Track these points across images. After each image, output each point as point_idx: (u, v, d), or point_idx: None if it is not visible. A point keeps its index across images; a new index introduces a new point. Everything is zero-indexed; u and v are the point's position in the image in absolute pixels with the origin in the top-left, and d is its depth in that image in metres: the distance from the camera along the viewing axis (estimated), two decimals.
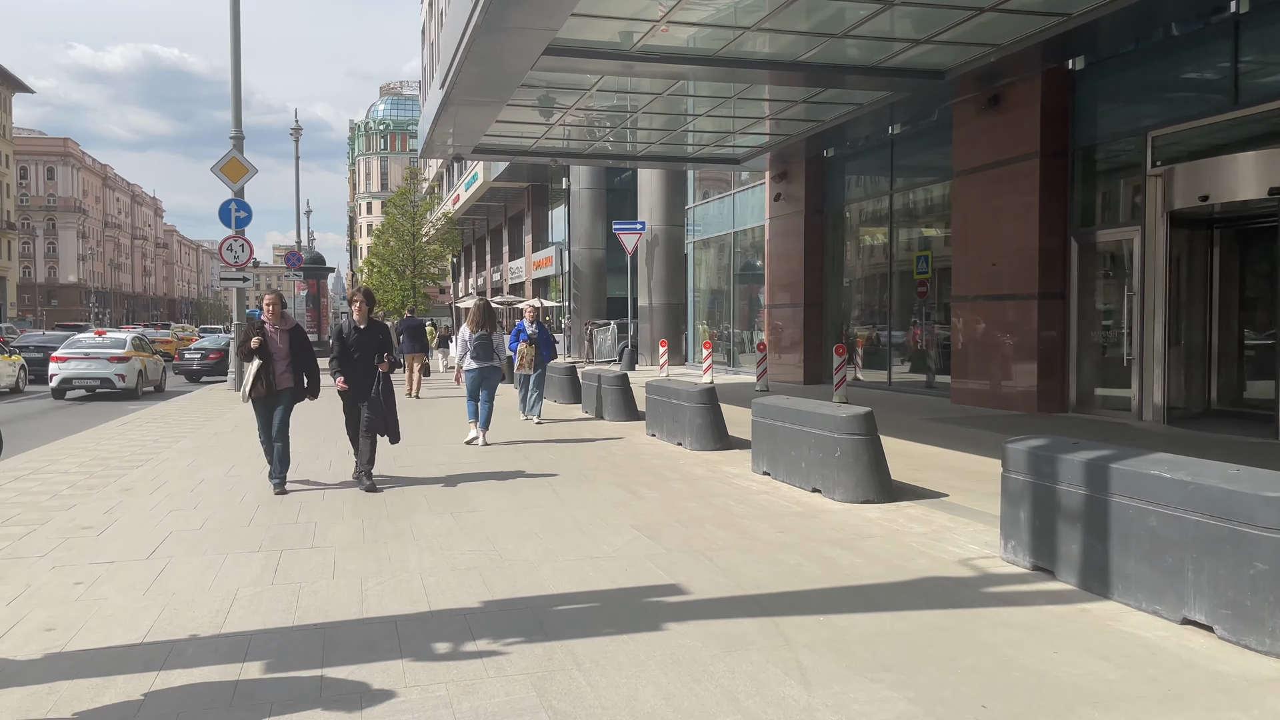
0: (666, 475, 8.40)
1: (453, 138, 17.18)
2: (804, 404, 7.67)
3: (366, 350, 8.06)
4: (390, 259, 49.98)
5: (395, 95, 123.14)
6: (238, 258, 19.72)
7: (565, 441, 11.03)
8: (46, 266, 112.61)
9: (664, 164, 21.83)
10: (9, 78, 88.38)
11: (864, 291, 19.32)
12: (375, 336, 8.16)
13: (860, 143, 18.53)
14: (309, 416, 11.66)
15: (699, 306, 27.10)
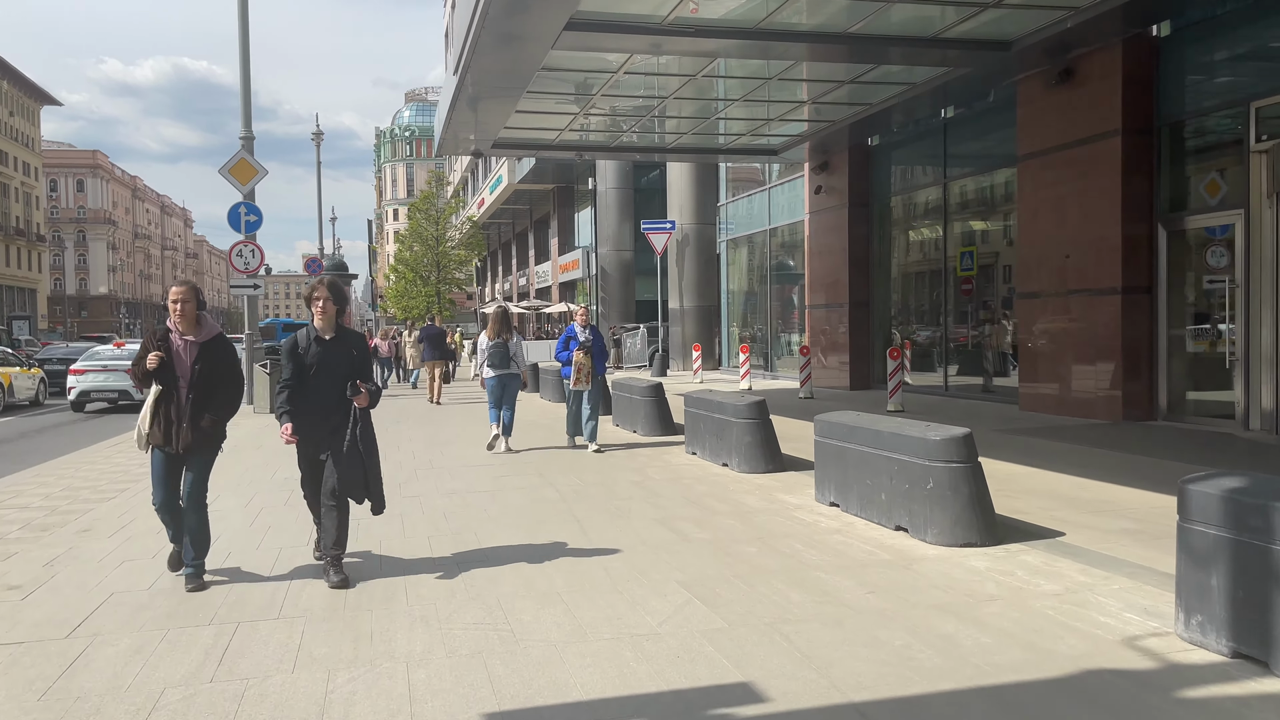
0: (714, 507, 7.12)
1: (470, 130, 16.01)
2: (882, 422, 6.37)
3: (333, 373, 5.31)
4: (414, 264, 49.11)
5: (420, 101, 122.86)
6: (248, 264, 18.67)
7: (595, 463, 9.78)
8: (77, 278, 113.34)
9: (695, 156, 20.58)
10: (37, 91, 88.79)
11: (915, 289, 17.94)
12: (347, 353, 5.38)
13: (909, 129, 17.15)
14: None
15: (733, 308, 25.78)
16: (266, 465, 9.97)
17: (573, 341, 10.69)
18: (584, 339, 10.68)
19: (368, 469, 5.39)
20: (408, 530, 6.57)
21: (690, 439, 10.02)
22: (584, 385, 10.49)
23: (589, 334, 10.80)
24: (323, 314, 5.35)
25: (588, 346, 10.61)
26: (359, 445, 5.31)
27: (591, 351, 10.63)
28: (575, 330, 10.78)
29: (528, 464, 9.71)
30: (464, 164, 66.03)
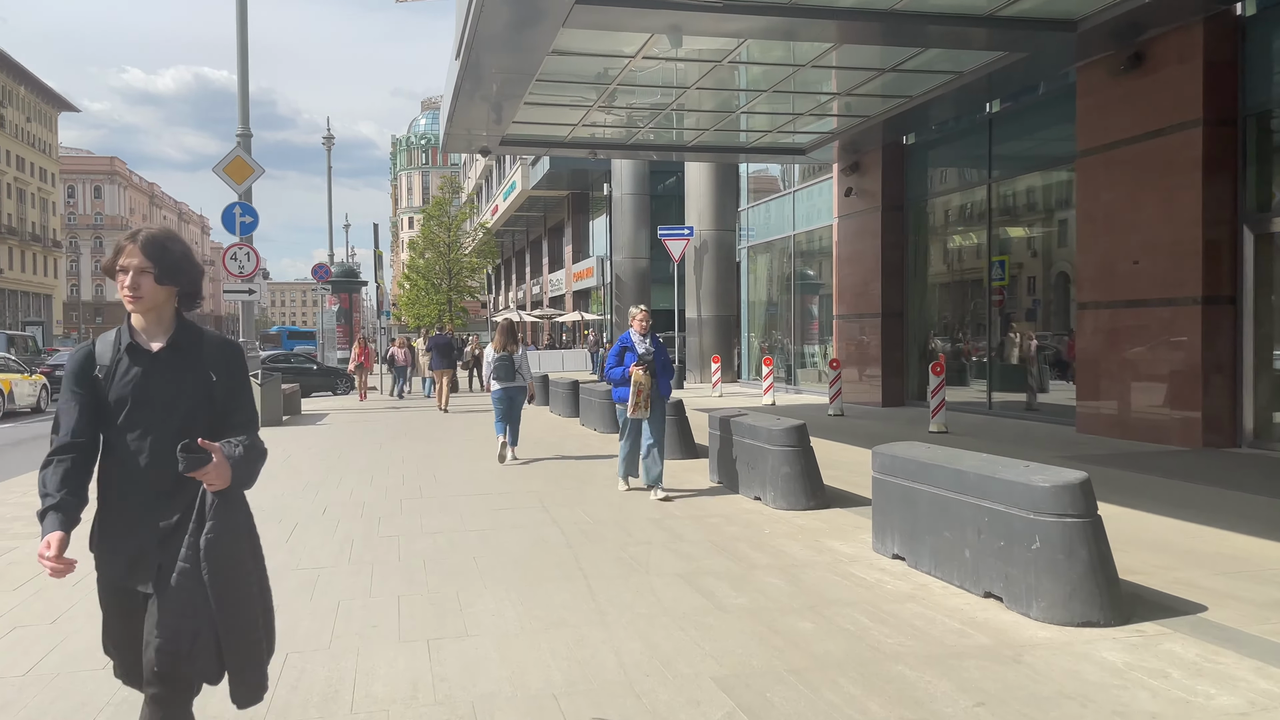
0: (750, 557, 5.87)
1: (477, 125, 14.87)
2: (965, 459, 5.12)
3: (163, 419, 2.57)
4: (426, 272, 48.10)
5: (436, 110, 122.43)
6: (243, 268, 17.58)
7: (606, 494, 8.55)
8: (93, 284, 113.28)
9: (716, 156, 19.38)
10: (55, 97, 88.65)
11: (954, 299, 16.65)
12: (195, 379, 2.62)
13: (949, 125, 15.90)
14: None
15: (753, 318, 24.54)
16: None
17: (629, 354, 8.21)
18: (644, 351, 8.21)
19: (223, 619, 2.49)
20: (375, 585, 5.35)
21: (715, 465, 8.78)
22: (644, 412, 8.08)
23: (650, 344, 8.27)
24: (137, 298, 2.58)
25: (648, 361, 8.14)
26: (205, 569, 2.46)
27: (654, 368, 8.19)
28: (632, 339, 8.29)
29: (529, 492, 8.49)
30: (478, 170, 65.14)
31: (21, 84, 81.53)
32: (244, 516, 2.61)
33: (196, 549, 2.47)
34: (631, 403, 8.03)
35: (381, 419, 17.16)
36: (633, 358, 8.13)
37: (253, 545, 2.64)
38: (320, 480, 9.47)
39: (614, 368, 8.28)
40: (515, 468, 10.20)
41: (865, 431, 13.02)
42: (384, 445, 12.66)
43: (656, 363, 8.20)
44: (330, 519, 7.39)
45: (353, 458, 11.36)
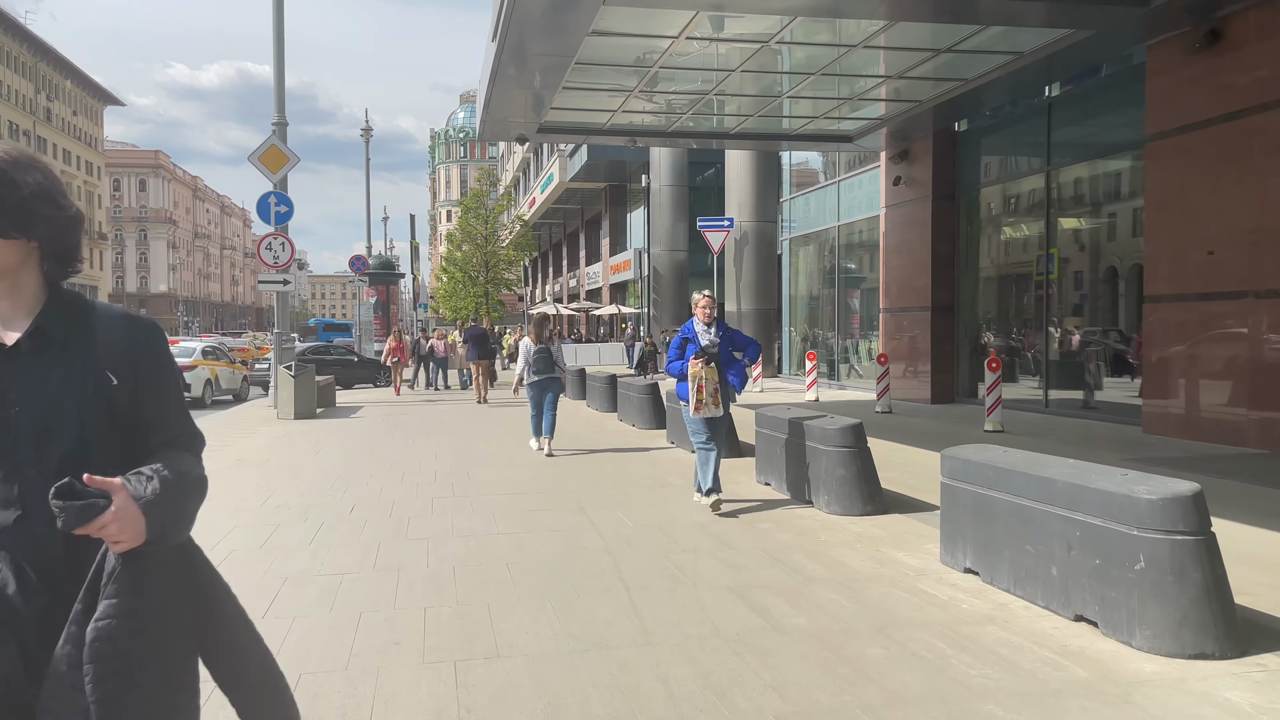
0: (807, 569, 5.39)
1: (514, 111, 14.48)
2: (1052, 465, 4.60)
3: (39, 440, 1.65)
4: (464, 264, 47.95)
5: (474, 103, 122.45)
6: (278, 258, 17.36)
7: (647, 494, 8.11)
8: (138, 276, 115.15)
9: (759, 143, 18.80)
10: (100, 91, 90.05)
11: (1007, 292, 15.97)
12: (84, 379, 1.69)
13: (1005, 110, 15.24)
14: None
15: (795, 311, 23.96)
16: (261, 488, 8.48)
17: (691, 346, 7.18)
18: (707, 342, 7.17)
19: None
20: (401, 595, 4.95)
21: (763, 466, 8.30)
22: (713, 410, 7.05)
23: (716, 334, 7.23)
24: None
25: (712, 353, 7.17)
26: (89, 680, 1.54)
27: (719, 359, 7.19)
28: (694, 329, 7.24)
29: (566, 492, 8.07)
30: (515, 163, 64.97)
31: (68, 78, 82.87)
32: (171, 588, 1.64)
33: (78, 645, 1.54)
34: (692, 400, 7.01)
35: (417, 412, 16.87)
36: (695, 350, 7.14)
37: (184, 639, 1.67)
38: (350, 476, 9.13)
39: (673, 361, 7.26)
40: (552, 466, 9.80)
41: (916, 430, 12.45)
42: (417, 440, 12.33)
43: (722, 354, 7.20)
44: (357, 519, 7.02)
45: (385, 452, 11.02)
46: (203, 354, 21.30)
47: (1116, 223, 13.54)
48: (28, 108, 74.47)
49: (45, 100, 78.08)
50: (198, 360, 20.69)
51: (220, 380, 21.44)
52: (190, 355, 20.66)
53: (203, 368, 20.66)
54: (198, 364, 20.54)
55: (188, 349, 21.23)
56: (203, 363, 20.82)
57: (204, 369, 20.68)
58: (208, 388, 20.68)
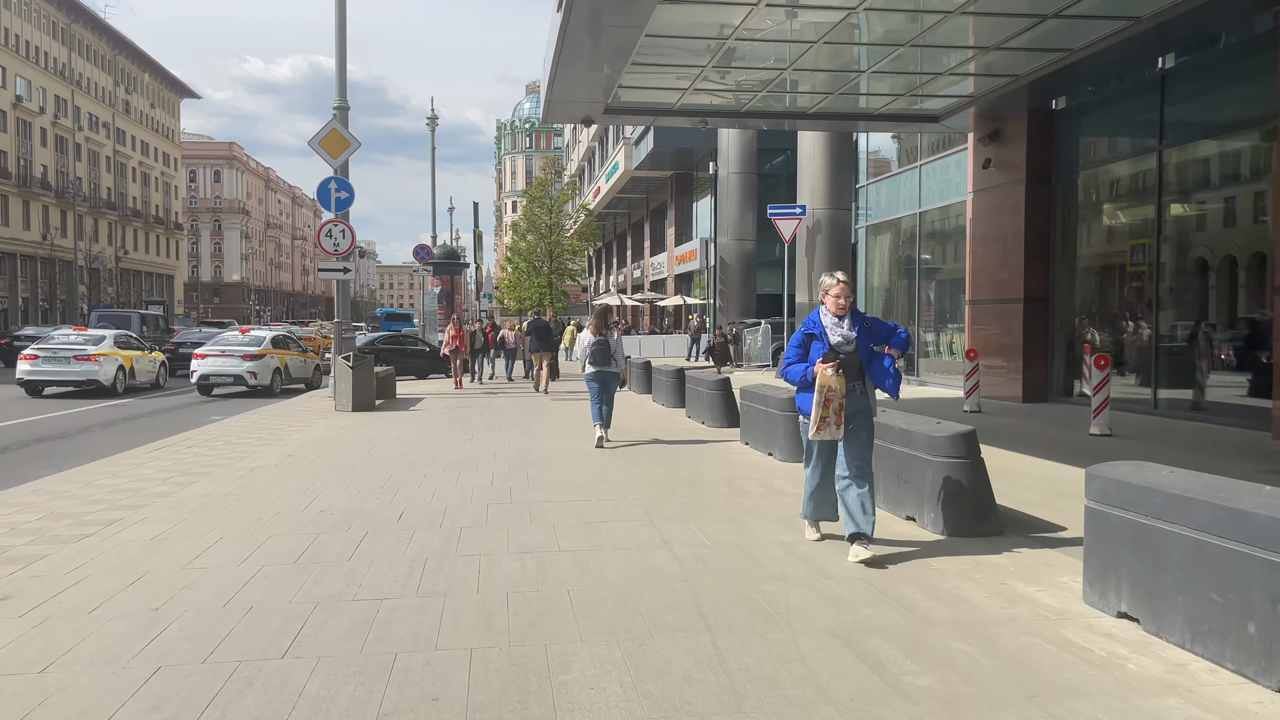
0: (922, 607, 4.55)
1: (580, 89, 13.75)
2: (1241, 493, 3.70)
3: None
4: (528, 254, 47.60)
5: (539, 94, 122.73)
6: (338, 245, 16.91)
7: (723, 504, 7.31)
8: (212, 265, 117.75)
9: (838, 123, 17.76)
10: (177, 84, 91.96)
11: (1110, 282, 14.75)
12: None
13: (1110, 85, 14.03)
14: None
15: (870, 303, 22.85)
16: (306, 489, 7.89)
17: (817, 345, 5.47)
18: (839, 339, 5.46)
19: None
20: (445, 630, 4.24)
21: None
22: (835, 432, 5.40)
23: (851, 328, 5.52)
24: None
25: (846, 354, 5.45)
26: None
27: (858, 366, 5.52)
28: (822, 322, 5.53)
29: (634, 500, 7.32)
30: (580, 153, 64.48)
31: (146, 72, 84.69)
32: None
33: None
34: (815, 417, 5.34)
35: (477, 405, 16.31)
36: (822, 350, 5.43)
37: None
38: (402, 477, 8.51)
39: (793, 364, 5.58)
40: (617, 468, 9.07)
41: (1014, 433, 11.44)
42: (475, 436, 11.71)
43: (860, 354, 5.50)
44: (405, 528, 6.36)
45: (440, 450, 10.41)
46: (272, 343, 21.11)
47: (1236, 207, 12.32)
48: (107, 100, 76.24)
49: (124, 93, 79.88)
50: (266, 349, 20.55)
51: (290, 369, 21.26)
52: (259, 344, 20.54)
53: (271, 356, 20.52)
54: (266, 352, 20.43)
55: (257, 338, 21.15)
56: (272, 351, 20.68)
57: (273, 358, 20.55)
58: (276, 376, 20.50)
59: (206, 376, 19.88)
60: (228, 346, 20.38)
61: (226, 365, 19.79)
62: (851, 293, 5.66)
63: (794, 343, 5.62)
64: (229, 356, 19.90)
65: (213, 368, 19.81)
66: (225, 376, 19.87)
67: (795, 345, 5.61)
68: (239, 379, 19.75)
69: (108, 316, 34.63)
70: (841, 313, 5.55)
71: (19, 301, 60.36)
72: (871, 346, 5.60)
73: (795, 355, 5.60)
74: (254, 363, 19.85)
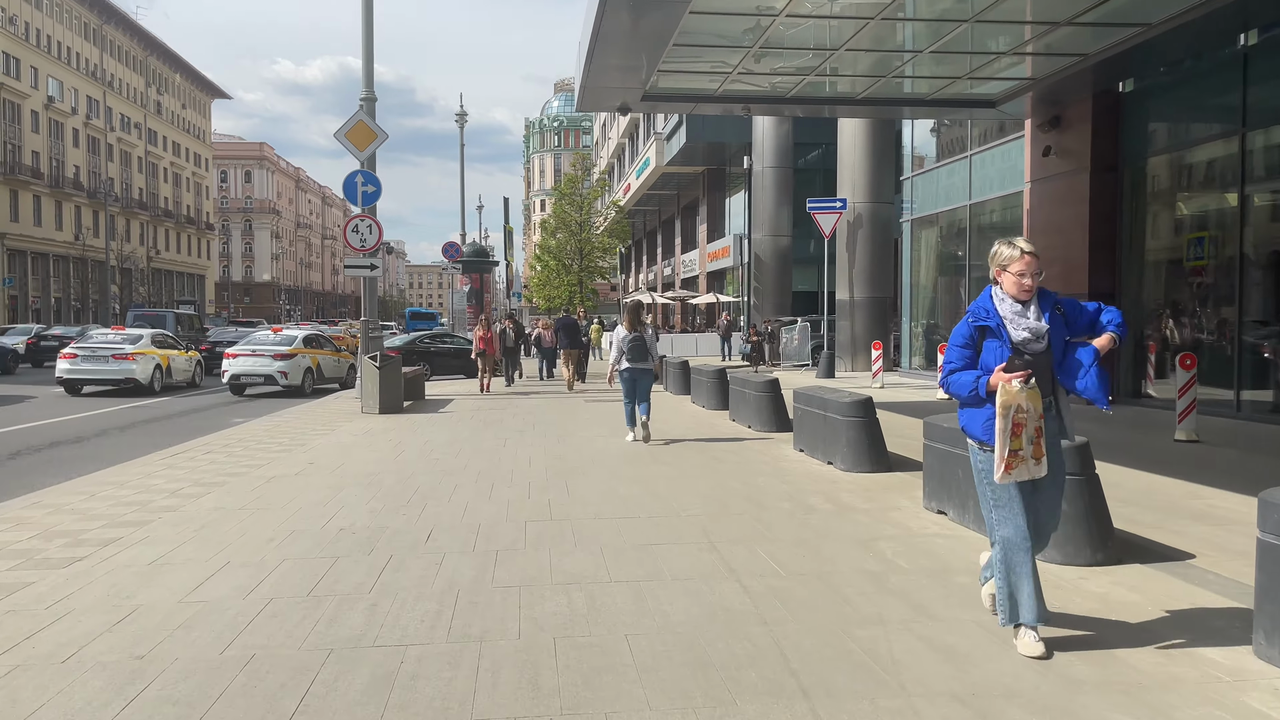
0: (1060, 661, 3.75)
1: (615, 76, 13.02)
2: None
3: None
4: (558, 252, 46.99)
5: (568, 92, 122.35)
6: (364, 241, 16.29)
7: (789, 523, 6.54)
8: (243, 265, 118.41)
9: (889, 109, 16.90)
10: (208, 85, 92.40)
11: (1182, 276, 13.78)
12: None
13: (1185, 66, 13.08)
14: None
15: (916, 300, 21.94)
16: (327, 503, 7.20)
17: (993, 344, 3.89)
18: (1023, 336, 3.86)
19: None
20: (480, 693, 3.50)
21: (935, 488, 6.64)
22: (1032, 471, 3.77)
23: (1041, 317, 3.90)
24: None
25: (1037, 353, 3.86)
26: None
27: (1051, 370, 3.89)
28: (997, 310, 3.93)
29: (688, 515, 6.56)
30: (610, 150, 63.83)
31: (177, 72, 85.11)
32: None
33: None
34: (1001, 450, 3.70)
35: (509, 407, 15.64)
36: (999, 353, 3.83)
37: None
38: (431, 489, 7.81)
39: (959, 370, 3.95)
40: (664, 478, 8.32)
41: (1092, 439, 10.53)
42: (509, 441, 11.01)
43: (1054, 352, 3.88)
44: (434, 551, 5.65)
45: (472, 457, 9.71)
46: (304, 342, 20.67)
47: None
48: (139, 101, 76.61)
49: (155, 94, 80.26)
50: (298, 348, 20.14)
51: (323, 368, 20.82)
52: (290, 344, 20.12)
53: (303, 356, 20.13)
54: (297, 352, 20.02)
55: (288, 337, 20.75)
56: (303, 350, 20.27)
57: (304, 357, 20.12)
58: (308, 376, 20.07)
59: (237, 376, 19.57)
60: (259, 346, 20.05)
61: (257, 365, 19.47)
62: (1040, 269, 3.91)
63: (958, 339, 3.96)
64: (260, 356, 19.57)
65: (243, 367, 19.50)
66: (256, 376, 19.53)
67: (959, 344, 3.95)
68: (269, 379, 19.40)
69: (143, 316, 34.52)
70: (1026, 296, 3.87)
71: (51, 302, 60.65)
72: (1066, 339, 3.94)
73: (961, 358, 3.94)
74: (285, 362, 19.48)
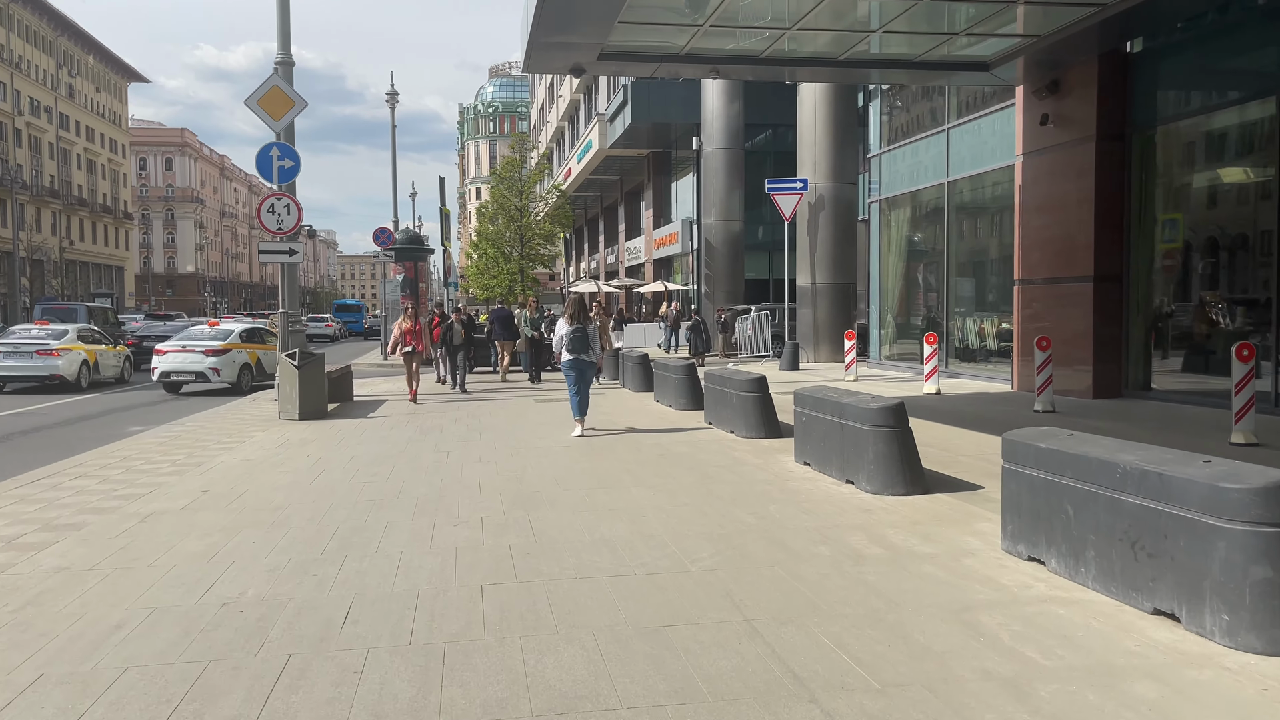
0: None
1: (568, 28, 11.25)
2: None
3: None
4: (496, 240, 44.80)
5: (504, 76, 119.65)
6: (282, 223, 14.26)
7: (836, 578, 4.92)
8: (165, 256, 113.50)
9: (872, 71, 15.30)
10: (124, 67, 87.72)
11: (1205, 255, 12.50)
12: None
13: (1208, 19, 11.77)
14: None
15: (886, 285, 20.56)
16: (213, 555, 5.36)
17: None
18: None
19: None
20: None
21: (1026, 527, 5.07)
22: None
23: None
24: None
25: None
26: None
27: None
28: None
29: (700, 569, 4.90)
30: (549, 133, 61.74)
31: (91, 54, 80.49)
32: None
33: None
34: None
35: (449, 411, 13.80)
36: None
37: None
38: (354, 530, 6.01)
39: None
40: (655, 511, 6.64)
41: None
42: (451, 455, 9.22)
43: None
44: (352, 648, 3.89)
45: (408, 479, 7.92)
46: (242, 336, 19.07)
47: None
48: (49, 84, 72.10)
49: (67, 76, 75.69)
50: (233, 343, 18.54)
51: (264, 365, 19.17)
52: (224, 338, 18.57)
53: (238, 351, 18.60)
54: (232, 347, 18.43)
55: (224, 331, 19.18)
56: (240, 346, 18.80)
57: (240, 353, 18.67)
58: (245, 373, 18.64)
59: (168, 374, 18.24)
60: (190, 341, 18.71)
61: (187, 362, 18.15)
62: None
63: None
64: (190, 352, 18.22)
65: (173, 364, 18.18)
66: (186, 374, 18.21)
67: None
68: (200, 376, 18.08)
69: (51, 310, 31.81)
70: None
71: None
72: None
73: None
74: (217, 358, 18.12)
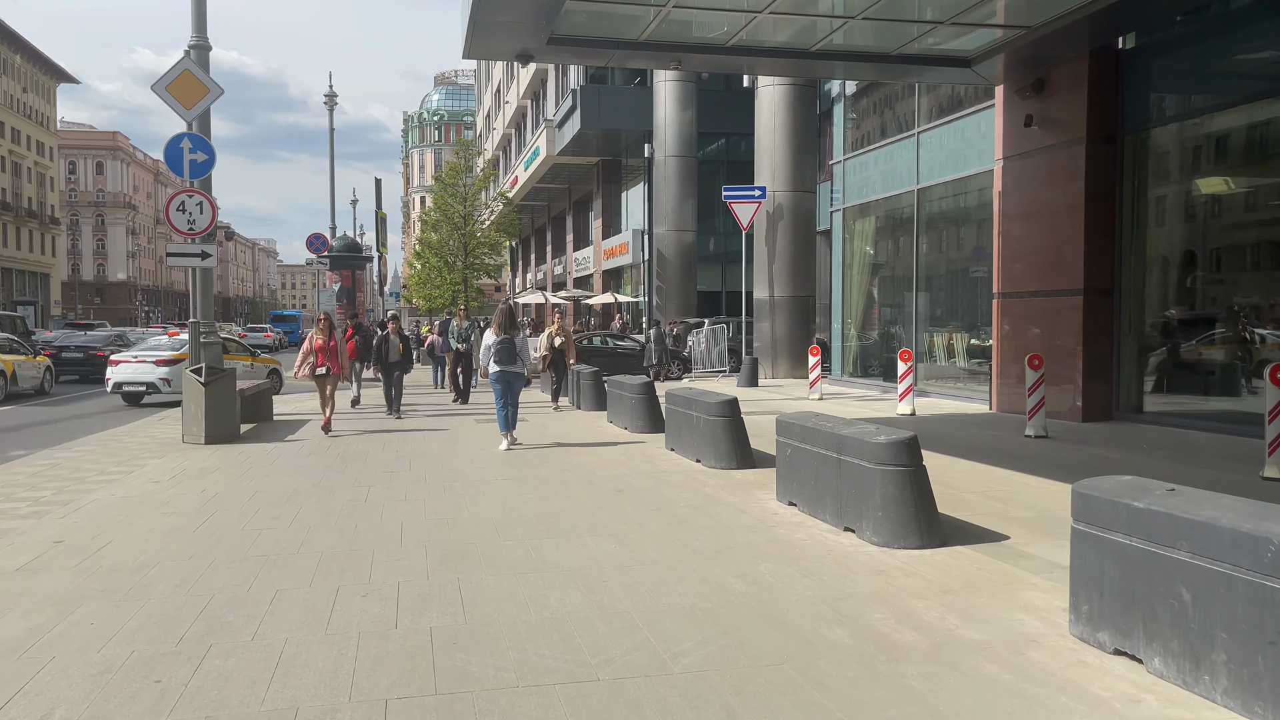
0: None
1: (513, 5, 9.97)
2: None
3: None
4: (440, 248, 43.13)
5: (449, 85, 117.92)
6: (193, 223, 12.77)
7: (870, 673, 3.67)
8: (95, 263, 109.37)
9: (846, 65, 14.16)
10: (53, 68, 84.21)
11: (1206, 268, 11.62)
12: None
13: (1205, 14, 10.91)
14: None
15: (849, 299, 19.57)
16: (30, 647, 3.94)
17: None
18: None
19: None
20: None
21: (1114, 609, 3.89)
22: None
23: None
24: None
25: None
26: None
27: None
28: None
29: (686, 670, 3.63)
30: (495, 141, 60.28)
31: (17, 53, 76.98)
32: None
33: None
34: None
35: (377, 433, 12.35)
36: None
37: None
38: (230, 603, 4.63)
39: None
40: (615, 572, 5.36)
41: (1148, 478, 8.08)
42: (372, 491, 7.83)
43: None
44: None
45: (314, 526, 6.52)
46: None
47: None
48: None
49: None
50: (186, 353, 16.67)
51: None
52: (179, 348, 17.61)
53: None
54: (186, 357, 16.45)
55: (180, 341, 18.41)
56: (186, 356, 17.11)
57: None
58: None
59: (120, 384, 17.60)
60: (143, 352, 18.38)
61: (138, 372, 17.53)
62: None
63: None
64: (142, 363, 17.68)
65: (125, 375, 17.57)
66: (138, 384, 17.53)
67: None
68: (151, 387, 17.45)
69: None
70: None
71: None
72: None
73: None
74: (168, 369, 17.34)
